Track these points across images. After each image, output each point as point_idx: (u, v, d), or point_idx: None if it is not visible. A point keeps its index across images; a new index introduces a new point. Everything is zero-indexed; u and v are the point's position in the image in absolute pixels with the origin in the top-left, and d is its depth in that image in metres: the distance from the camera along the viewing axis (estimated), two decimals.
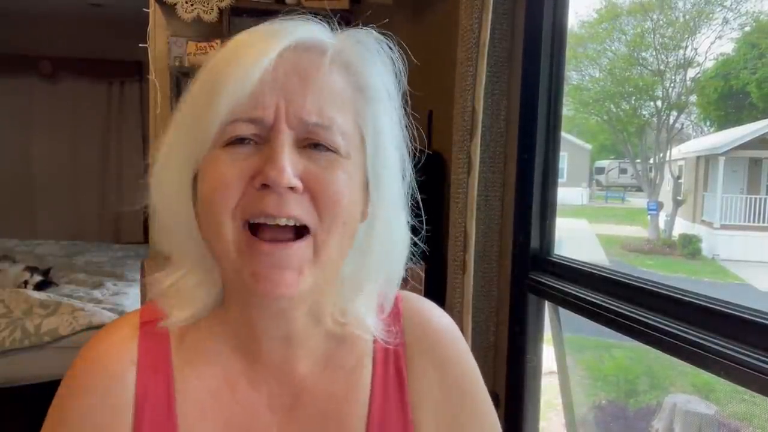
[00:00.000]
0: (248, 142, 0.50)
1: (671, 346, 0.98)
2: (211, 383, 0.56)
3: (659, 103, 5.36)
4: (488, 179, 1.53)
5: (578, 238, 6.02)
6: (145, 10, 2.48)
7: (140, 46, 2.48)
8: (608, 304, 1.16)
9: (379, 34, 0.55)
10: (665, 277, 4.50)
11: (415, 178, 0.60)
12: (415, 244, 0.61)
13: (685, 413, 2.90)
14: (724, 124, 4.70)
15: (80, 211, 4.59)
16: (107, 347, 0.56)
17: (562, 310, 1.44)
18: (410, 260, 0.61)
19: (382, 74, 0.55)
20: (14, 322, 2.31)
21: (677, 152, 5.32)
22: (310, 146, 0.50)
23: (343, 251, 0.53)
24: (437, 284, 1.67)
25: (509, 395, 1.53)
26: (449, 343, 0.63)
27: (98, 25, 4.21)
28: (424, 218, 0.61)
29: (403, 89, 0.57)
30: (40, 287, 2.78)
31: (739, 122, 4.44)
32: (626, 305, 1.13)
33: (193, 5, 2.33)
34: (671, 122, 5.39)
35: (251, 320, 0.55)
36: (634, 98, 5.62)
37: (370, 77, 0.54)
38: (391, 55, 0.56)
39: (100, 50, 4.37)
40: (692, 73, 4.98)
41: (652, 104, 5.50)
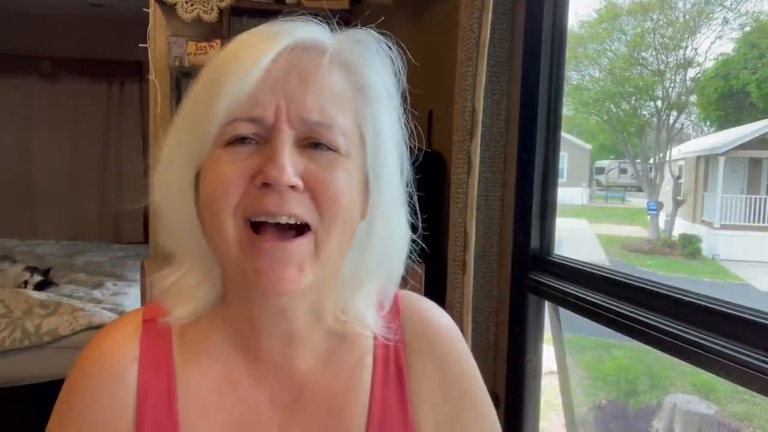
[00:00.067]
0: (249, 141, 0.50)
1: (671, 346, 0.98)
2: (212, 380, 0.57)
3: (659, 103, 5.36)
4: (488, 179, 1.53)
5: (578, 238, 6.02)
6: (145, 10, 2.48)
7: (140, 46, 2.48)
8: (608, 304, 1.16)
9: (378, 33, 0.56)
10: (665, 277, 4.49)
11: (413, 176, 0.60)
12: (414, 241, 0.61)
13: (685, 413, 2.89)
14: (724, 124, 4.70)
15: (80, 211, 4.59)
16: (110, 345, 0.57)
17: (562, 310, 1.44)
18: (409, 258, 0.61)
19: (381, 74, 0.56)
20: (14, 322, 2.31)
21: (677, 152, 5.32)
22: (310, 145, 0.51)
23: (343, 249, 0.54)
24: (437, 284, 1.67)
25: (509, 395, 1.53)
26: (449, 342, 0.63)
27: (98, 25, 4.21)
28: (419, 215, 0.61)
29: (402, 88, 0.57)
30: (40, 287, 2.78)
31: (739, 122, 4.44)
32: (626, 305, 1.13)
33: (193, 5, 2.33)
34: (671, 122, 5.39)
35: (252, 318, 0.55)
36: (634, 98, 5.62)
37: (369, 77, 0.55)
38: (390, 54, 0.56)
39: (100, 50, 4.37)
40: (692, 73, 4.98)
41: (652, 104, 5.50)
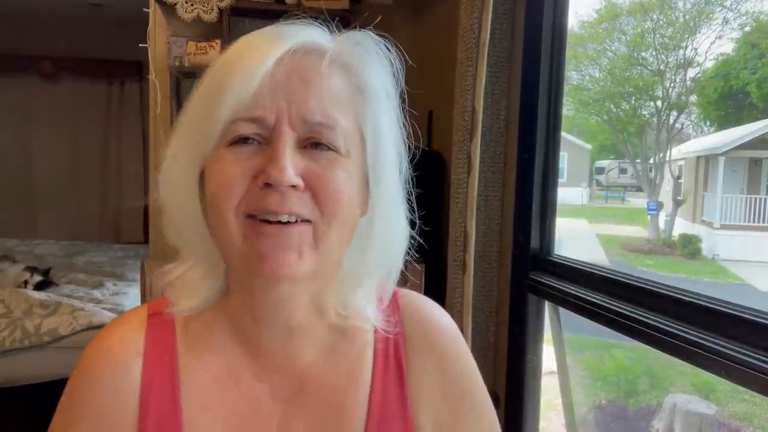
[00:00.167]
0: (251, 141, 0.52)
1: (671, 346, 0.98)
2: (215, 374, 0.58)
3: (659, 103, 5.35)
4: (488, 179, 1.53)
5: (578, 238, 6.01)
6: (145, 10, 2.48)
7: (140, 46, 2.49)
8: (608, 304, 1.16)
9: (377, 35, 0.57)
10: (665, 277, 4.49)
11: (411, 173, 0.62)
12: (412, 237, 0.62)
13: (685, 413, 2.89)
14: (724, 124, 4.69)
15: (80, 210, 4.60)
16: (115, 339, 0.59)
17: (562, 310, 1.44)
18: (408, 254, 0.62)
19: (380, 75, 0.57)
20: (14, 322, 2.31)
21: (677, 152, 5.31)
22: (311, 146, 0.52)
23: (342, 244, 0.55)
24: (437, 284, 1.67)
25: (509, 395, 1.53)
26: (449, 341, 0.64)
27: (98, 25, 4.22)
28: (416, 212, 0.63)
29: (400, 89, 0.59)
30: (40, 287, 2.79)
31: (739, 122, 4.44)
32: (626, 305, 1.13)
33: (193, 5, 2.33)
34: (671, 122, 5.38)
35: (253, 309, 0.57)
36: (634, 98, 5.61)
37: (369, 78, 0.56)
38: (389, 56, 0.57)
39: (100, 50, 4.37)
40: (692, 73, 4.97)
41: (652, 104, 5.50)
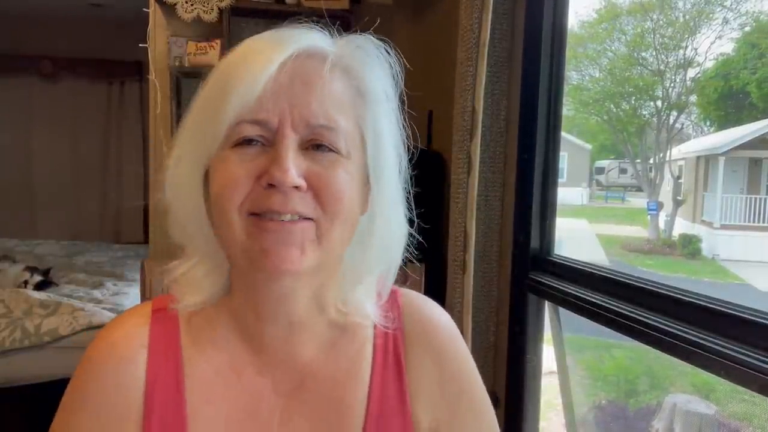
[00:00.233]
0: (255, 143, 0.53)
1: (671, 346, 0.98)
2: (218, 369, 0.60)
3: (659, 103, 5.35)
4: (488, 179, 1.53)
5: (578, 238, 6.02)
6: (145, 10, 2.48)
7: (140, 46, 2.49)
8: (608, 304, 1.16)
9: (377, 39, 0.58)
10: (665, 277, 4.49)
11: (410, 173, 0.63)
12: (411, 235, 0.64)
13: (685, 413, 2.89)
14: (724, 124, 4.69)
15: (80, 211, 4.59)
16: (120, 334, 0.60)
17: (562, 310, 1.44)
18: (407, 251, 0.64)
19: (380, 78, 0.58)
20: (14, 322, 2.31)
21: (677, 152, 5.32)
22: (313, 147, 0.54)
23: (344, 241, 0.57)
24: (437, 284, 1.67)
25: (509, 395, 1.53)
26: (448, 340, 0.65)
27: (98, 25, 4.22)
28: (414, 210, 0.64)
29: (400, 90, 0.61)
30: (40, 287, 2.78)
31: (739, 122, 4.44)
32: (626, 305, 1.13)
33: (193, 5, 2.33)
34: (671, 122, 5.39)
35: (256, 305, 0.58)
36: (634, 98, 5.61)
37: (369, 81, 0.57)
38: (388, 59, 0.59)
39: (100, 50, 4.37)
40: (692, 73, 4.97)
41: (652, 104, 5.50)
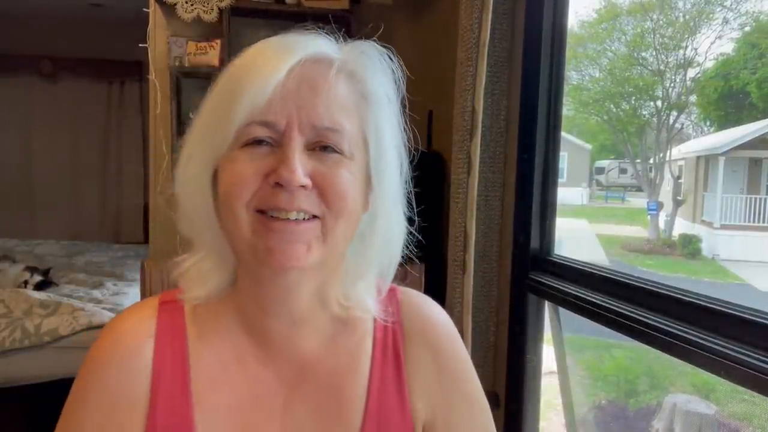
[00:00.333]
0: (264, 144, 0.56)
1: (671, 346, 0.98)
2: (222, 358, 0.62)
3: (659, 103, 5.36)
4: (488, 179, 1.53)
5: (578, 238, 6.02)
6: (145, 10, 2.48)
7: (140, 46, 2.49)
8: (608, 304, 1.16)
9: (380, 46, 0.62)
10: (665, 277, 4.49)
11: (411, 174, 0.66)
12: (410, 233, 0.67)
13: (685, 413, 2.89)
14: (724, 124, 4.69)
15: (80, 211, 4.60)
16: (127, 326, 0.62)
17: (562, 310, 1.44)
18: (406, 249, 0.67)
19: (383, 83, 0.61)
20: (14, 322, 2.31)
21: (677, 152, 5.32)
22: (318, 148, 0.56)
23: (347, 238, 0.60)
24: (437, 284, 1.67)
25: (509, 395, 1.53)
26: (445, 337, 0.68)
27: (98, 25, 4.22)
28: (416, 211, 0.67)
29: (401, 95, 0.64)
30: (40, 287, 2.79)
31: (739, 122, 4.44)
32: (626, 305, 1.12)
33: (193, 5, 2.33)
34: (671, 122, 5.39)
35: (260, 300, 0.61)
36: (634, 98, 5.62)
37: (372, 85, 0.60)
38: (391, 64, 0.62)
39: (100, 50, 4.37)
40: (692, 73, 4.98)
41: (652, 104, 5.50)
